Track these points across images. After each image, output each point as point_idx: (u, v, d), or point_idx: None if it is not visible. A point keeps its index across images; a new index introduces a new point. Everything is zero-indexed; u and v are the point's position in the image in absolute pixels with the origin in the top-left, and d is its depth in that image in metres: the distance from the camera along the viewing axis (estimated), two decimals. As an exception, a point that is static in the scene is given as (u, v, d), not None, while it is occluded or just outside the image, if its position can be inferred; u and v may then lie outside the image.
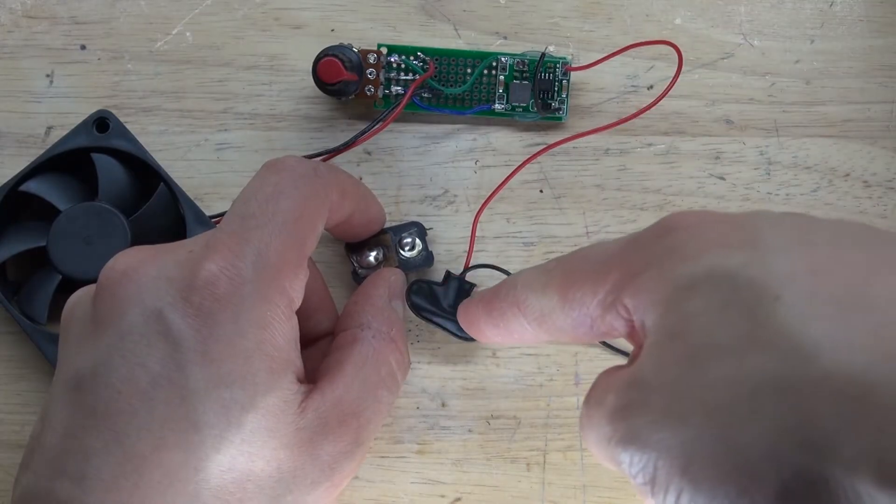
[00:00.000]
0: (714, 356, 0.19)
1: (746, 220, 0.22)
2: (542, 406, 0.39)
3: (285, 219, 0.28)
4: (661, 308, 0.21)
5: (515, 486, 0.38)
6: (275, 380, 0.27)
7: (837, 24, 0.41)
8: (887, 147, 0.40)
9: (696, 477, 0.18)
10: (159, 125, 0.40)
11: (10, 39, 0.40)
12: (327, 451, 0.28)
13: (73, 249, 0.37)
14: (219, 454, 0.25)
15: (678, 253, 0.21)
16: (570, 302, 0.24)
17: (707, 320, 0.19)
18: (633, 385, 0.21)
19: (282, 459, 0.27)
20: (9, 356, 0.39)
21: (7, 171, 0.38)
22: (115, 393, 0.26)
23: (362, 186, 0.34)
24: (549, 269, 0.26)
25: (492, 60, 0.39)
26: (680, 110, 0.40)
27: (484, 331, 0.28)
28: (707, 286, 0.20)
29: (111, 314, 0.27)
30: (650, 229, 0.23)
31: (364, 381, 0.30)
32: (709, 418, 0.18)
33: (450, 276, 0.37)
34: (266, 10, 0.41)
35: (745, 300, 0.19)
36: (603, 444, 0.21)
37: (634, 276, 0.22)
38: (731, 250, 0.20)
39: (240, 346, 0.26)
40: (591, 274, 0.24)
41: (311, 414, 0.28)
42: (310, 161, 0.31)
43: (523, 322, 0.26)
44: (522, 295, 0.26)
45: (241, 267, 0.27)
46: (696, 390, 0.19)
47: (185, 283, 0.26)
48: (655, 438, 0.19)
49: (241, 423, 0.26)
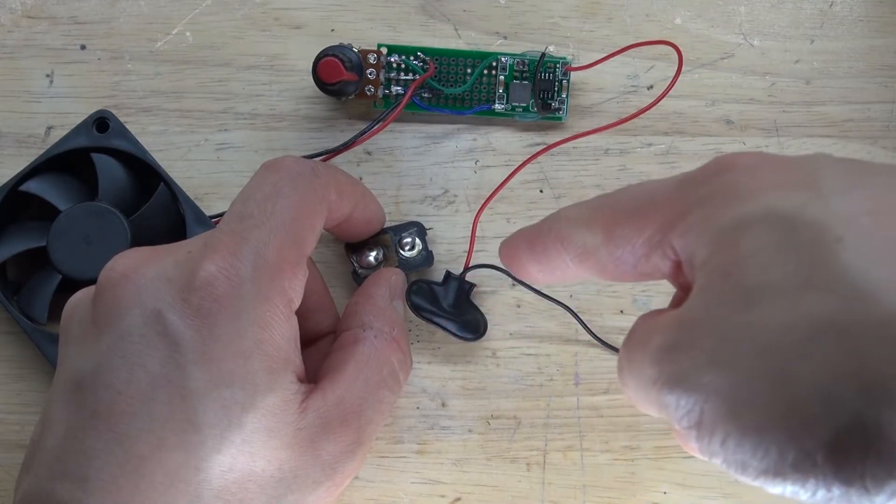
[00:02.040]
0: (769, 296, 0.18)
1: (804, 162, 0.21)
2: (542, 406, 0.39)
3: (284, 218, 0.28)
4: (712, 248, 0.20)
5: (515, 486, 0.38)
6: (274, 379, 0.27)
7: (837, 24, 0.41)
8: (887, 147, 0.40)
9: (743, 421, 0.17)
10: (159, 125, 0.40)
11: (10, 39, 0.40)
12: (329, 450, 0.28)
13: (73, 249, 0.37)
14: (220, 454, 0.25)
15: (732, 192, 0.21)
16: (615, 239, 0.23)
17: (762, 260, 0.19)
18: (681, 325, 0.20)
19: (283, 459, 0.27)
20: (9, 356, 0.39)
21: (7, 171, 0.38)
22: (115, 394, 0.26)
23: (361, 186, 0.34)
24: (594, 205, 0.24)
25: (492, 60, 0.39)
26: (680, 110, 0.40)
27: (526, 266, 0.27)
28: (763, 225, 0.19)
29: (111, 315, 0.27)
30: (702, 169, 0.22)
31: (366, 380, 0.30)
32: (761, 360, 0.17)
33: (450, 276, 0.37)
34: (266, 10, 0.41)
35: (804, 240, 0.18)
36: (646, 387, 0.20)
37: (684, 214, 0.21)
38: (790, 191, 0.20)
39: (239, 345, 0.26)
40: (638, 211, 0.23)
41: (313, 414, 0.28)
42: (308, 161, 0.31)
43: (566, 258, 0.25)
44: (566, 230, 0.25)
45: (240, 267, 0.27)
46: (748, 331, 0.18)
47: (183, 283, 0.26)
48: (704, 380, 0.18)
49: (242, 422, 0.26)
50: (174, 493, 0.25)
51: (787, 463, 0.17)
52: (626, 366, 0.23)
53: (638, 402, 0.22)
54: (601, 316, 0.39)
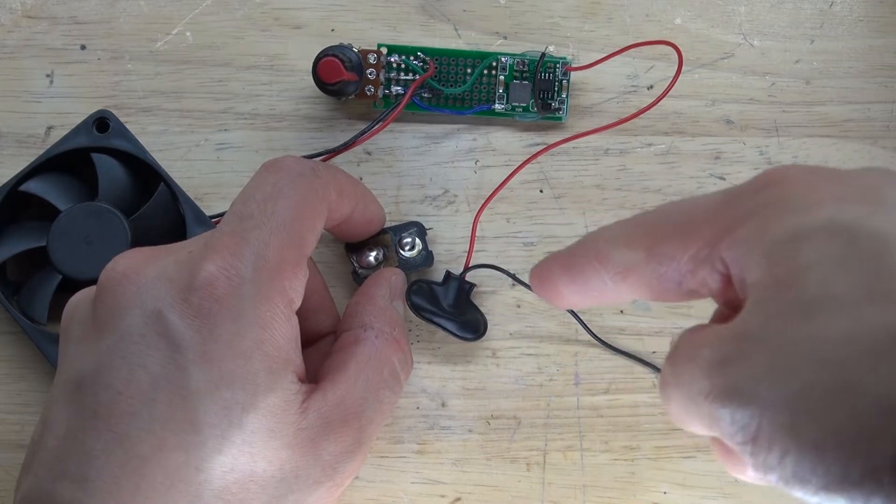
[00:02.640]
0: (830, 308, 0.17)
1: (862, 175, 0.21)
2: (542, 406, 0.39)
3: (284, 218, 0.28)
4: (767, 261, 0.19)
5: (515, 486, 0.38)
6: (275, 380, 0.27)
7: (837, 24, 0.41)
8: (887, 147, 0.40)
9: (804, 435, 0.17)
10: (159, 125, 0.40)
11: (10, 39, 0.40)
12: (329, 451, 0.28)
13: (73, 249, 0.37)
14: (221, 455, 0.25)
15: (786, 204, 0.20)
16: (658, 256, 0.22)
17: (823, 271, 0.18)
18: (736, 338, 0.19)
19: (284, 459, 0.27)
20: (9, 356, 0.39)
21: (7, 171, 0.38)
22: (115, 394, 0.26)
23: (361, 186, 0.34)
24: (634, 223, 0.24)
25: (492, 60, 0.39)
26: (680, 110, 0.40)
27: (560, 289, 0.25)
28: (822, 236, 0.18)
29: (111, 316, 0.27)
30: (750, 182, 0.22)
31: (367, 381, 0.30)
32: (822, 372, 0.17)
33: (450, 276, 0.37)
34: (266, 10, 0.41)
35: (867, 252, 0.18)
36: (696, 402, 0.20)
37: (733, 228, 0.21)
38: (850, 204, 0.19)
39: (240, 346, 0.26)
40: (683, 226, 0.22)
41: (314, 414, 0.28)
42: (308, 161, 0.31)
43: (604, 277, 0.24)
44: (605, 249, 0.24)
45: (240, 267, 0.27)
46: (809, 343, 0.17)
47: (184, 283, 0.26)
48: (761, 393, 0.18)
49: (243, 423, 0.26)
50: (175, 494, 0.25)
51: (852, 479, 0.16)
52: (671, 380, 0.21)
53: (683, 417, 0.21)
54: (601, 316, 0.39)
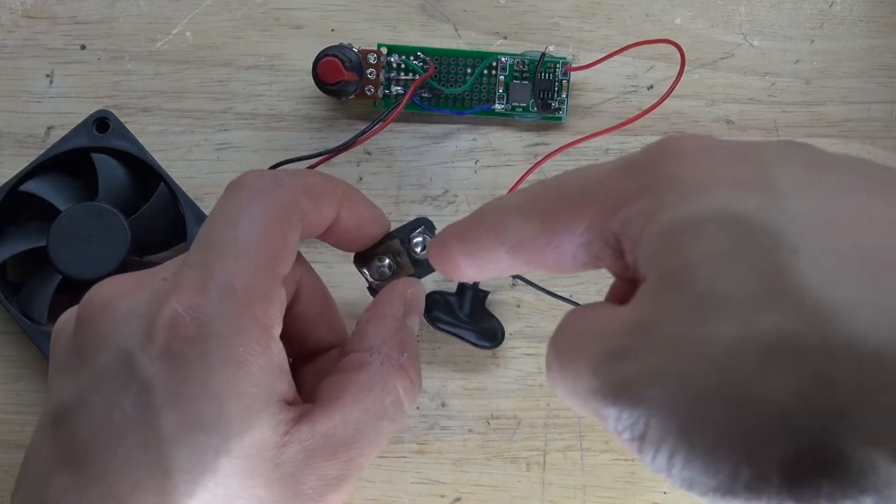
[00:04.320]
0: (723, 309, 0.17)
1: (755, 154, 0.20)
2: (542, 406, 0.39)
3: (247, 243, 0.26)
4: (659, 246, 0.19)
5: (515, 486, 0.38)
6: (251, 418, 0.25)
7: (837, 24, 0.41)
8: (887, 147, 0.40)
9: (693, 438, 0.17)
10: (159, 125, 0.40)
11: (10, 39, 0.40)
12: (311, 484, 0.27)
13: (73, 249, 0.37)
14: (193, 499, 0.25)
15: (678, 184, 0.19)
16: (552, 227, 0.22)
17: (715, 269, 0.18)
18: (627, 332, 0.19)
19: (262, 497, 0.26)
20: (9, 356, 0.39)
21: (7, 171, 0.38)
22: (94, 431, 0.25)
23: (343, 185, 0.31)
24: (530, 193, 0.23)
25: (492, 60, 0.39)
26: (680, 110, 0.40)
27: (458, 263, 0.25)
28: (714, 228, 0.18)
29: (88, 351, 0.27)
30: (645, 152, 0.21)
31: (364, 411, 0.28)
32: (714, 377, 0.17)
33: (464, 285, 0.37)
34: (266, 10, 0.41)
35: (759, 249, 0.17)
36: (583, 396, 0.19)
37: (627, 202, 0.20)
38: (741, 189, 0.18)
39: (211, 387, 0.25)
40: (578, 197, 0.21)
41: (295, 447, 0.26)
42: (270, 172, 0.29)
43: (500, 250, 0.23)
44: (500, 220, 0.23)
45: (206, 304, 0.25)
46: (700, 346, 0.17)
47: (151, 323, 0.25)
48: (650, 395, 0.17)
49: (216, 467, 0.25)
50: None
51: (741, 482, 0.16)
52: (557, 368, 0.21)
53: (574, 405, 0.21)
54: (601, 316, 0.39)
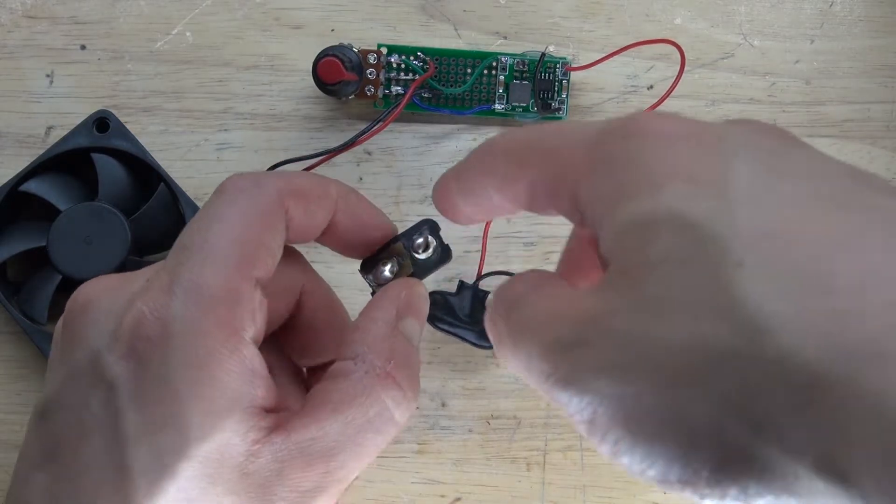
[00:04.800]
0: (670, 314, 0.18)
1: (719, 147, 0.21)
2: (542, 406, 0.39)
3: (219, 244, 0.26)
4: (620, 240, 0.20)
5: (515, 486, 0.38)
6: (213, 423, 0.25)
7: (837, 24, 0.41)
8: (887, 147, 0.40)
9: (636, 430, 0.18)
10: (159, 125, 0.40)
11: (10, 39, 0.40)
12: (284, 496, 0.26)
13: (73, 249, 0.37)
14: (153, 502, 0.25)
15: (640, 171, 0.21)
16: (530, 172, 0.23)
17: (668, 273, 0.19)
18: (581, 323, 0.20)
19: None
20: (9, 356, 0.39)
21: (7, 171, 0.38)
22: (66, 429, 0.26)
23: (337, 186, 0.30)
24: (521, 135, 0.24)
25: (492, 60, 0.39)
26: (680, 110, 0.40)
27: (456, 202, 0.26)
28: (670, 231, 0.19)
29: (67, 349, 0.27)
30: (619, 125, 0.22)
31: (345, 423, 0.27)
32: (656, 376, 0.18)
33: (463, 285, 0.37)
34: (266, 10, 0.41)
35: (708, 259, 0.18)
36: (536, 377, 0.21)
37: (593, 170, 0.22)
38: (698, 191, 0.20)
39: (171, 389, 0.25)
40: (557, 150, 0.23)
41: (266, 457, 0.26)
42: (254, 174, 0.28)
43: (489, 189, 0.24)
44: (490, 161, 0.25)
45: (170, 305, 0.25)
46: (647, 346, 0.18)
47: (119, 323, 0.26)
48: (598, 385, 0.19)
49: (176, 471, 0.25)
50: None
51: (674, 474, 0.18)
52: (511, 345, 0.22)
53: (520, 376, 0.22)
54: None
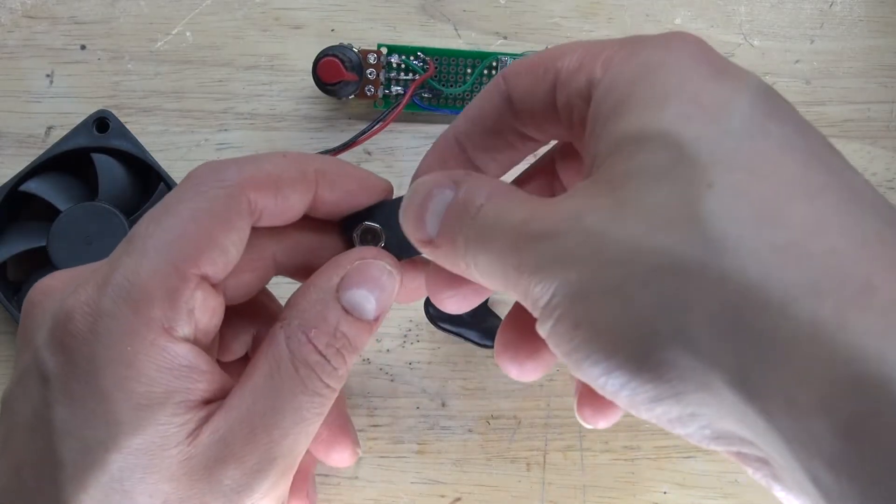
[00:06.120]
0: (633, 219, 0.20)
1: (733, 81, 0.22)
2: (542, 406, 0.39)
3: (161, 239, 0.25)
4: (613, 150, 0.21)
5: (515, 486, 0.38)
6: (143, 417, 0.25)
7: (837, 24, 0.41)
8: (887, 147, 0.40)
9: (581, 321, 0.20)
10: (159, 125, 0.40)
11: (10, 39, 0.40)
12: (231, 475, 0.26)
13: (73, 249, 0.37)
14: (85, 493, 0.25)
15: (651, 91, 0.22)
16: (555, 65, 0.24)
17: (643, 183, 0.20)
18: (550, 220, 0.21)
19: (167, 492, 0.25)
20: (9, 356, 0.39)
21: (7, 171, 0.38)
22: (12, 423, 0.26)
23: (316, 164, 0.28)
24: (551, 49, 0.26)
25: (492, 60, 0.39)
26: (680, 110, 0.40)
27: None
28: (657, 145, 0.20)
29: (21, 345, 0.27)
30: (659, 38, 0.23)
31: (276, 389, 0.26)
32: (609, 273, 0.20)
33: None
34: (266, 10, 0.41)
35: (682, 176, 0.20)
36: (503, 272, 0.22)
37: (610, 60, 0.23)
38: (697, 111, 0.21)
39: (98, 385, 0.25)
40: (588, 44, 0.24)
41: (207, 439, 0.26)
42: (216, 163, 0.27)
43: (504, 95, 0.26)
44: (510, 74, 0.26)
45: (101, 300, 0.25)
46: (604, 242, 0.20)
47: (55, 318, 0.26)
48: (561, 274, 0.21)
49: (106, 463, 0.25)
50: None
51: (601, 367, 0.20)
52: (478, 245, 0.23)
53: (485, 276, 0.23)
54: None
